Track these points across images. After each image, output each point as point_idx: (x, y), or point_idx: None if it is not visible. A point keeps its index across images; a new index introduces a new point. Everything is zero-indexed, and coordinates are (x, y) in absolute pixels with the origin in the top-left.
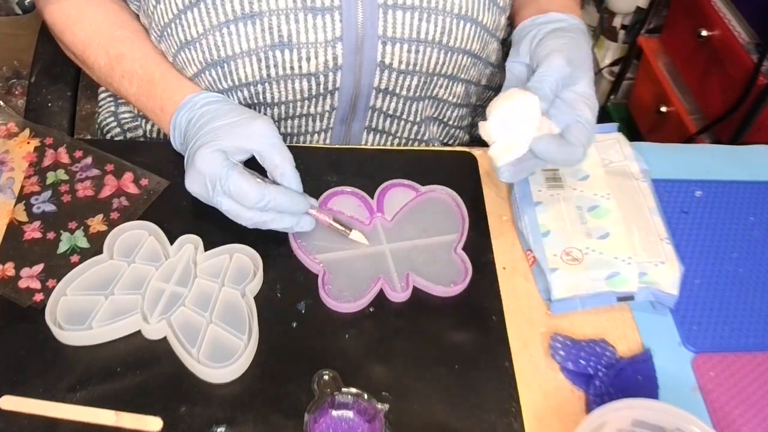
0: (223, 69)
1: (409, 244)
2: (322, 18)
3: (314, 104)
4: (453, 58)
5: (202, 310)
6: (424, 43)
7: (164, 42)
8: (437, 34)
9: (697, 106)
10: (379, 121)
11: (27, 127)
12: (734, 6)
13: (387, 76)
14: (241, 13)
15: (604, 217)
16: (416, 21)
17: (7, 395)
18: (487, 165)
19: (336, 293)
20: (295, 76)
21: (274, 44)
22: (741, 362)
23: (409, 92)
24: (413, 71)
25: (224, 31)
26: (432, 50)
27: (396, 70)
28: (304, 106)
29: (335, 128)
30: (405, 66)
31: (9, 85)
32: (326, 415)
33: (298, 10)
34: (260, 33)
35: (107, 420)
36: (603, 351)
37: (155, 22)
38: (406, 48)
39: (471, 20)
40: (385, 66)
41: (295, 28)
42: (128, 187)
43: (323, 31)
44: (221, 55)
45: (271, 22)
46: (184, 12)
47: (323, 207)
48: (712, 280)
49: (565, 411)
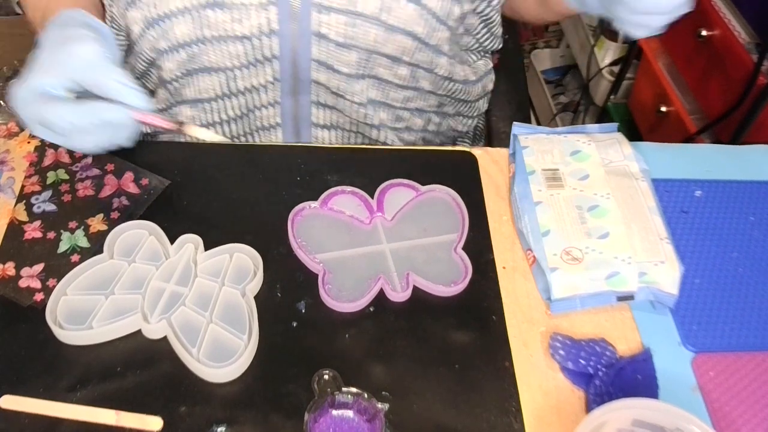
0: (162, 27)
1: (409, 244)
2: None
3: (255, 74)
4: (393, 37)
5: (203, 309)
6: (362, 17)
7: (115, 3)
8: (375, 8)
9: (697, 106)
10: (326, 97)
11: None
12: (734, 6)
13: (326, 47)
14: None
15: (603, 216)
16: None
17: (7, 395)
18: (487, 165)
19: (336, 293)
20: (229, 38)
21: (207, 3)
22: (741, 362)
23: (350, 69)
24: (351, 45)
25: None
26: (371, 26)
27: (334, 42)
28: (244, 76)
29: (283, 102)
30: (343, 39)
31: (9, 85)
32: (326, 414)
33: None
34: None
35: (107, 419)
36: (603, 350)
37: None
38: (343, 20)
39: (414, 0)
40: (321, 36)
41: None
42: (128, 186)
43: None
44: (159, 13)
45: None
46: None
47: (323, 207)
48: (712, 280)
49: (565, 411)
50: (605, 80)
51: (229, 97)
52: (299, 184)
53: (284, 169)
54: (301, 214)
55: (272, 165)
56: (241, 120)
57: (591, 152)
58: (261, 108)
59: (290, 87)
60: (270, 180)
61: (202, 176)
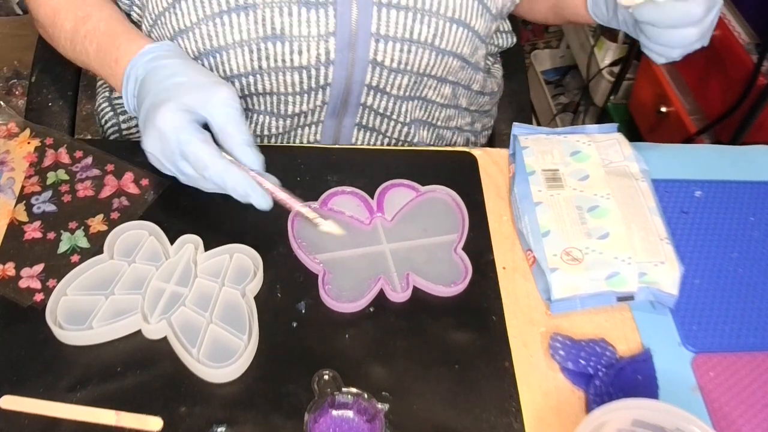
0: (215, 59)
1: (409, 244)
2: (316, 12)
3: (306, 100)
4: (443, 60)
5: (203, 309)
6: (416, 43)
7: (157, 30)
8: (429, 35)
9: (697, 106)
10: (370, 118)
11: (27, 128)
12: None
13: (378, 73)
14: (234, 4)
15: (604, 217)
16: (410, 21)
17: (7, 395)
18: (487, 165)
19: (336, 293)
20: (287, 68)
21: (266, 36)
22: (741, 362)
23: (400, 91)
24: (404, 70)
25: (217, 22)
26: (423, 51)
27: (387, 68)
28: (296, 102)
29: (326, 122)
30: (396, 65)
31: (9, 85)
32: (326, 414)
33: (292, 3)
34: (253, 25)
35: (107, 420)
36: (603, 351)
37: (149, 11)
38: (399, 47)
39: (463, 24)
40: (377, 63)
41: (288, 21)
42: (128, 187)
43: (316, 26)
44: (213, 45)
45: (264, 14)
46: (178, 1)
47: (323, 207)
48: (712, 280)
49: (565, 411)
50: (605, 81)
51: (276, 117)
52: (299, 184)
53: (284, 170)
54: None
55: (272, 165)
56: (281, 137)
57: (591, 153)
58: (303, 127)
59: (336, 109)
60: None
61: None
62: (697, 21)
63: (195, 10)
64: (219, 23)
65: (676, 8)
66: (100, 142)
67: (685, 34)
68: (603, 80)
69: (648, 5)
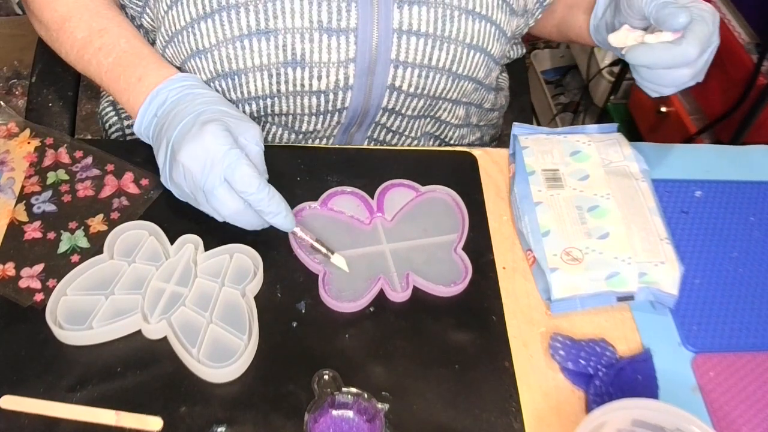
0: (234, 81)
1: (409, 244)
2: (336, 39)
3: (321, 120)
4: (459, 84)
5: (203, 309)
6: (434, 69)
7: (172, 47)
8: (447, 61)
9: (697, 106)
10: (381, 134)
11: (27, 128)
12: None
13: (395, 97)
14: (255, 29)
15: (603, 217)
16: (429, 48)
17: (7, 395)
18: (487, 165)
19: (336, 293)
20: (305, 92)
21: (286, 61)
22: (741, 362)
23: (414, 112)
24: (421, 94)
25: (237, 45)
26: (441, 76)
27: (405, 93)
28: (311, 122)
29: (338, 137)
30: (414, 89)
31: (9, 85)
32: (326, 414)
33: (313, 29)
34: (273, 50)
35: (107, 420)
36: (603, 351)
37: (165, 27)
38: (417, 73)
39: (480, 50)
40: (394, 88)
41: (309, 47)
42: (128, 187)
43: (337, 52)
44: (232, 68)
45: (285, 39)
46: (197, 21)
47: (323, 207)
48: (712, 280)
49: (565, 411)
50: (605, 80)
51: (289, 132)
52: (299, 184)
53: (284, 169)
54: (301, 215)
55: (272, 165)
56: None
57: (591, 153)
58: (315, 140)
59: (350, 127)
60: (270, 180)
61: None
62: (691, 62)
63: (215, 32)
64: (239, 47)
65: (669, 51)
66: (100, 142)
67: (678, 74)
68: (603, 80)
69: (640, 47)
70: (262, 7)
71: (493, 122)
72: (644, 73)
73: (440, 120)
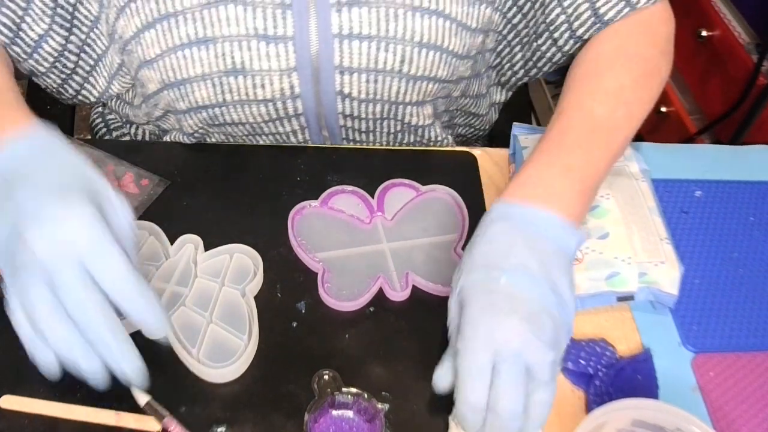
0: (180, 91)
1: (409, 244)
2: (275, 47)
3: (281, 124)
4: (416, 85)
5: (202, 309)
6: (383, 72)
7: (126, 55)
8: (396, 62)
9: (697, 106)
10: (355, 135)
11: None
12: (734, 6)
13: (349, 104)
14: (195, 38)
15: (603, 217)
16: (374, 50)
17: (7, 395)
18: (487, 165)
19: (335, 292)
20: (252, 101)
21: (227, 70)
22: (741, 362)
23: (375, 115)
24: (375, 99)
25: (179, 55)
26: (392, 79)
27: (357, 99)
28: (269, 126)
29: (313, 139)
30: (365, 95)
31: None
32: (326, 414)
33: (251, 37)
34: (214, 59)
35: (107, 420)
36: (603, 351)
37: (117, 35)
38: (365, 78)
39: (435, 47)
40: (345, 95)
41: (248, 56)
42: (128, 187)
43: (277, 60)
44: (177, 77)
45: (224, 48)
46: (142, 31)
47: (323, 206)
48: (712, 280)
49: (565, 411)
50: None
51: (256, 137)
52: (299, 184)
53: (284, 169)
54: (301, 213)
55: (272, 166)
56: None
57: None
58: (290, 142)
59: (319, 129)
60: (270, 180)
61: (202, 176)
62: None
63: (158, 42)
64: (181, 56)
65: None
66: (100, 142)
67: None
68: None
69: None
70: (200, 15)
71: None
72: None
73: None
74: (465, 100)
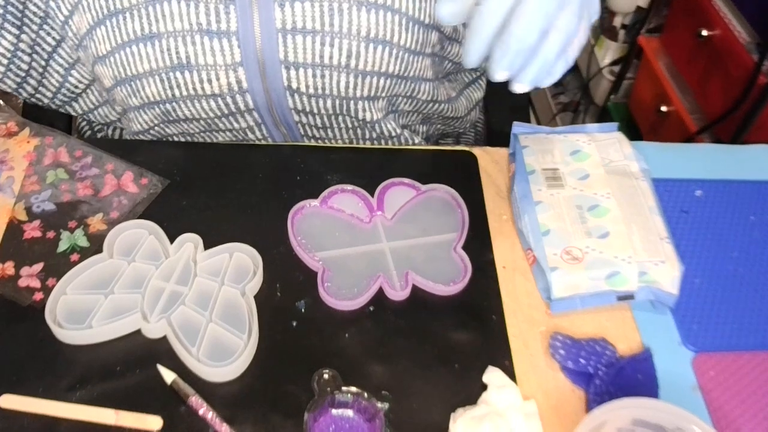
0: (131, 87)
1: (408, 243)
2: (219, 42)
3: (235, 120)
4: (366, 80)
5: (202, 309)
6: (330, 67)
7: (83, 51)
8: (343, 58)
9: (697, 105)
10: (312, 131)
11: (27, 126)
12: (734, 6)
13: (299, 99)
14: (141, 34)
15: (604, 216)
16: (318, 45)
17: (7, 394)
18: (487, 164)
19: (335, 291)
20: (200, 96)
21: (174, 66)
22: (741, 362)
23: (328, 111)
24: (324, 94)
25: (128, 51)
26: (339, 74)
27: (306, 94)
28: (224, 122)
29: (273, 134)
30: (314, 90)
31: None
32: (326, 414)
33: (194, 32)
34: (160, 54)
35: (107, 419)
36: (603, 350)
37: (72, 32)
38: (311, 73)
39: (384, 42)
40: (293, 90)
41: (192, 50)
42: (128, 186)
43: (222, 55)
44: (127, 73)
45: (169, 43)
46: (94, 28)
47: (323, 205)
48: (712, 280)
49: (565, 410)
50: (605, 80)
51: (214, 133)
52: (299, 184)
53: (284, 169)
54: (301, 213)
55: (272, 165)
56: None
57: (591, 152)
58: (251, 138)
59: (276, 124)
60: (270, 180)
61: (202, 176)
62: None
63: (108, 38)
64: (129, 52)
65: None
66: (100, 141)
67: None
68: (603, 79)
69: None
70: (145, 11)
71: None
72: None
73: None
74: (438, 106)
